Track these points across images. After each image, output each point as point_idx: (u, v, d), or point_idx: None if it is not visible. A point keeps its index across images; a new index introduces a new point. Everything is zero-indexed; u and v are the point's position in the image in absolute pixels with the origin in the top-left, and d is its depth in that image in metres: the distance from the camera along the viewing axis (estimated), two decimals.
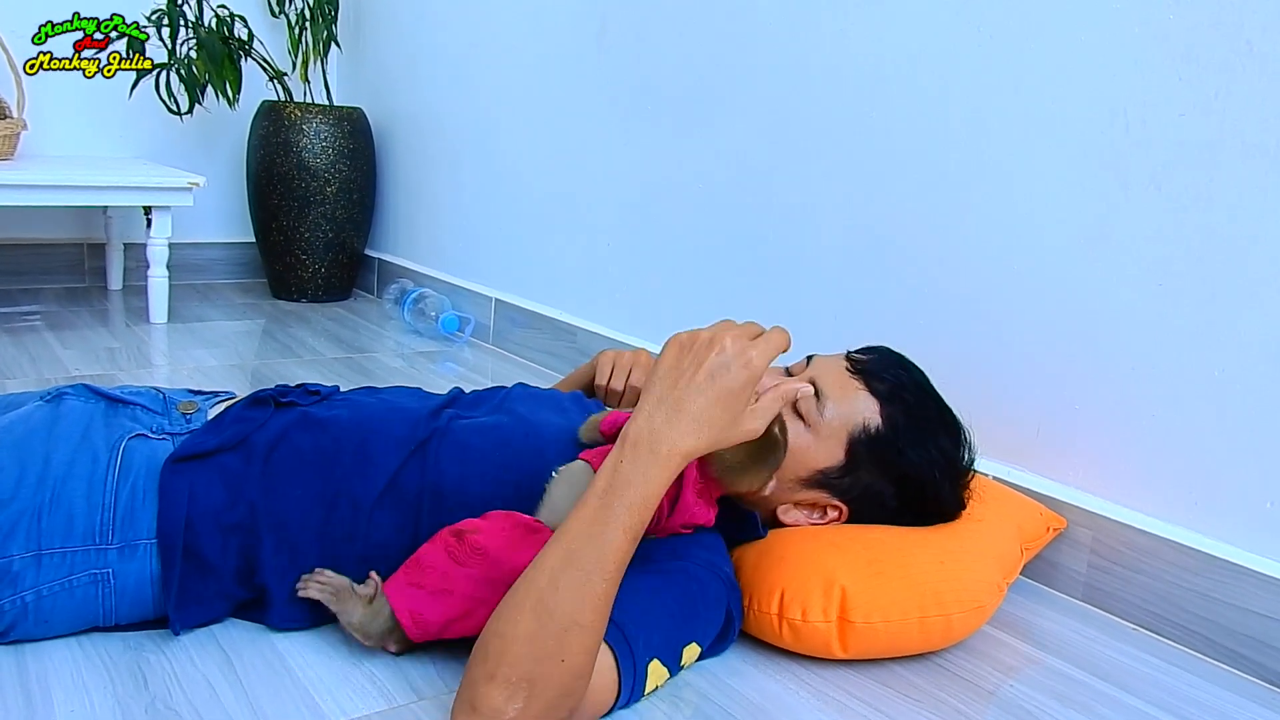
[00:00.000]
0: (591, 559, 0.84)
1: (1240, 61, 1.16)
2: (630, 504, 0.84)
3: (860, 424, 1.13)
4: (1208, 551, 1.21)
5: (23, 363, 2.01)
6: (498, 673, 0.83)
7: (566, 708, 0.86)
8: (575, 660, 0.84)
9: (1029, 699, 1.08)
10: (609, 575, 0.84)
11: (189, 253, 2.96)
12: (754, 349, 0.86)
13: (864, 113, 1.59)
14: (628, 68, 2.05)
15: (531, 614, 0.83)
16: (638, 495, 0.85)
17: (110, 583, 1.00)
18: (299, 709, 0.94)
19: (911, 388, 1.17)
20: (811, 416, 1.13)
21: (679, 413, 0.85)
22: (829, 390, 1.14)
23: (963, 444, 1.19)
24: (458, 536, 0.98)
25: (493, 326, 2.52)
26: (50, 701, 0.92)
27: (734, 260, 1.85)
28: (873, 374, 1.16)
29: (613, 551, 0.84)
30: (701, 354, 0.86)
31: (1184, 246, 1.23)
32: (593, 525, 0.84)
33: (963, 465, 1.19)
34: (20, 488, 0.99)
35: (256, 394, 1.17)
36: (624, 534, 0.84)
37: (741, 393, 0.86)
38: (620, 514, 0.84)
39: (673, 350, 0.88)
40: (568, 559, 0.84)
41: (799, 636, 1.09)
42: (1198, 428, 1.24)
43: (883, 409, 1.14)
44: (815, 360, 1.20)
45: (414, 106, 2.84)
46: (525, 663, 0.83)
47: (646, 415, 0.86)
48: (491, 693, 0.83)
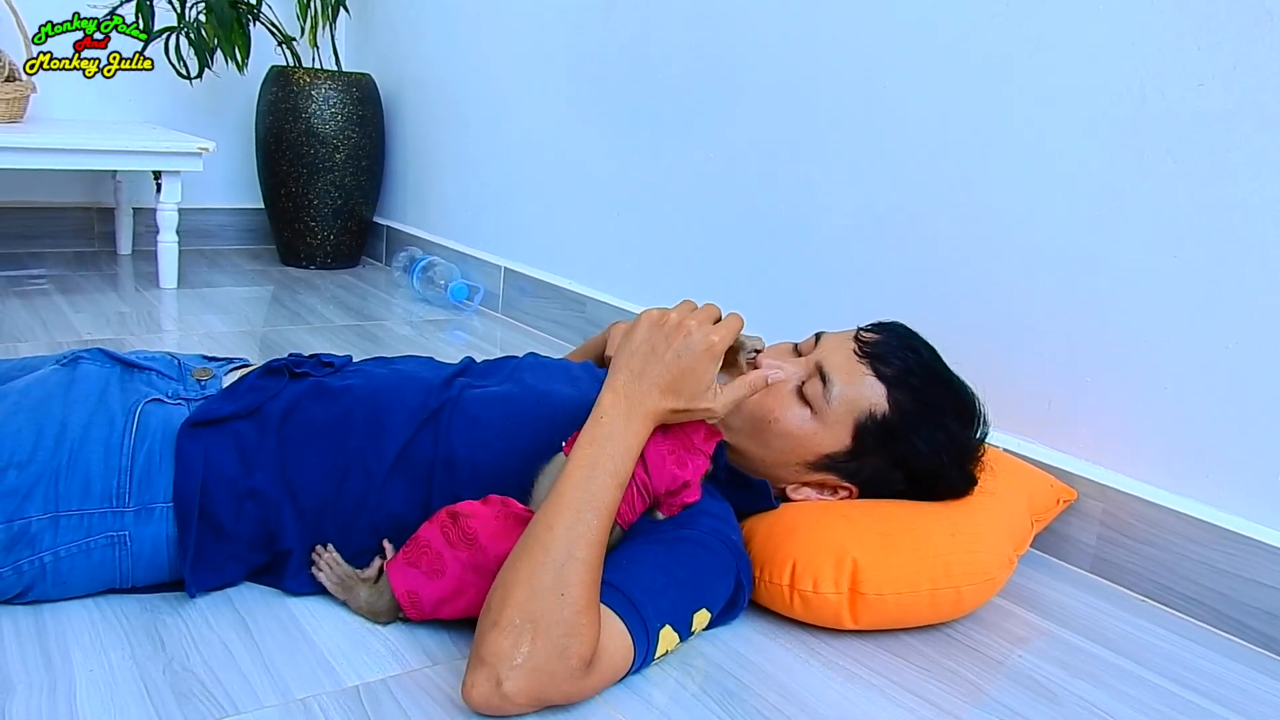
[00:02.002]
0: (582, 499, 0.91)
1: (1260, 31, 1.15)
2: (613, 454, 0.94)
3: (867, 410, 1.12)
4: (1217, 524, 1.22)
5: (34, 327, 2.01)
6: (500, 618, 0.85)
7: (575, 653, 0.85)
8: (574, 593, 0.86)
9: (1038, 669, 1.08)
10: (600, 512, 0.91)
11: (198, 218, 2.96)
12: (716, 333, 0.96)
13: (878, 83, 1.57)
14: (637, 37, 2.04)
15: (529, 557, 0.88)
16: (619, 446, 0.94)
17: (127, 545, 1.01)
18: (314, 672, 0.95)
19: (919, 371, 1.15)
20: (817, 402, 1.13)
21: (649, 384, 0.96)
22: (835, 374, 1.13)
23: (975, 422, 1.18)
24: (453, 518, 1.00)
25: (502, 295, 2.52)
26: (70, 661, 0.93)
27: (745, 230, 1.84)
28: (880, 358, 1.14)
29: (601, 491, 0.92)
30: (671, 335, 0.96)
31: (1199, 218, 1.22)
32: (587, 469, 0.93)
33: (973, 447, 1.18)
34: (38, 450, 0.99)
35: (270, 363, 1.17)
36: (610, 478, 0.93)
37: (705, 372, 0.96)
38: (605, 462, 0.93)
39: (645, 327, 0.98)
40: (560, 503, 0.91)
41: (810, 608, 1.09)
42: (1210, 401, 1.24)
43: (889, 394, 1.13)
44: (824, 339, 1.19)
45: (423, 73, 2.83)
46: (526, 603, 0.85)
47: (623, 382, 0.97)
48: (498, 639, 0.84)
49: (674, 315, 0.98)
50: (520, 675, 0.84)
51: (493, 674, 0.84)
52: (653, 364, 0.96)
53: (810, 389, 1.13)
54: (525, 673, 0.84)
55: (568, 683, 0.86)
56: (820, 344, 1.18)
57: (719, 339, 0.96)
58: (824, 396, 1.12)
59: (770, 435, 1.15)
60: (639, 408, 0.96)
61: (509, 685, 0.84)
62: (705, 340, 0.96)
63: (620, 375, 0.97)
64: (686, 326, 0.96)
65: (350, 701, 0.91)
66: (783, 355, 1.20)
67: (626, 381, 0.97)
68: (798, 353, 1.20)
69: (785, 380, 1.14)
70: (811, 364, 1.15)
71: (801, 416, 1.14)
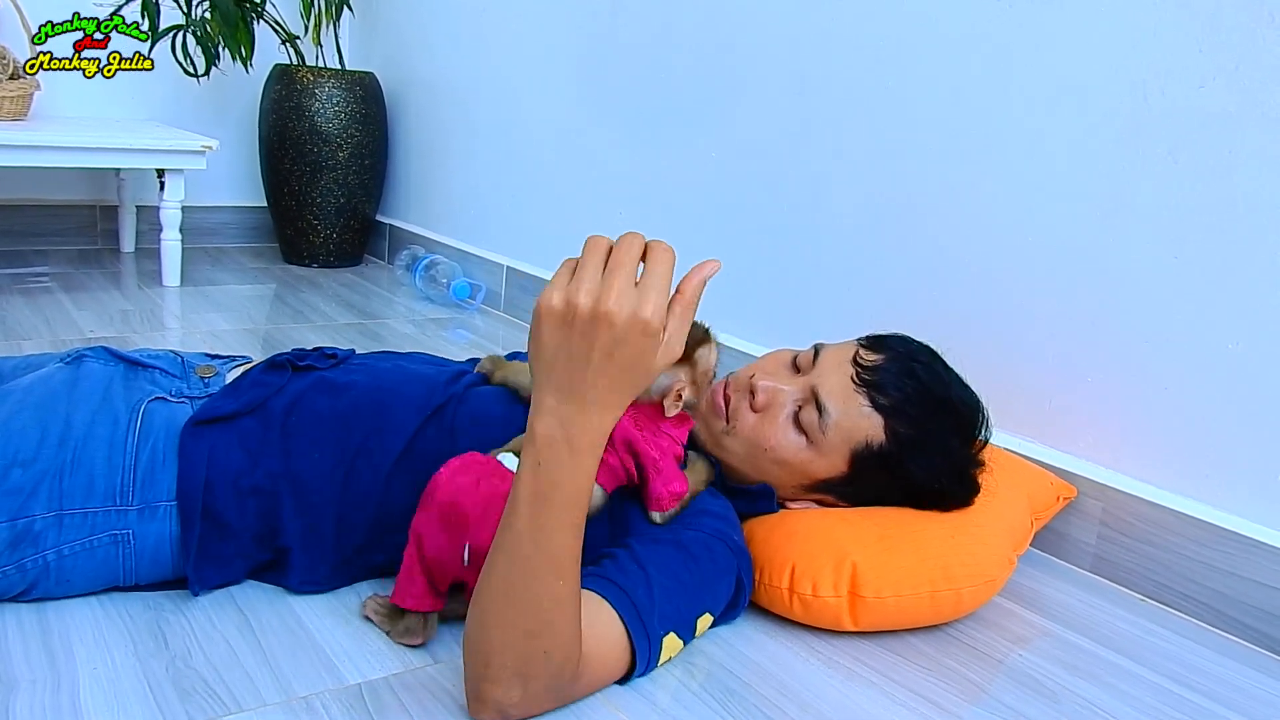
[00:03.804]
0: (546, 565, 0.81)
1: (1263, 32, 1.15)
2: (565, 503, 0.80)
3: (863, 440, 1.12)
4: (1217, 523, 1.22)
5: (38, 324, 2.02)
6: (488, 671, 0.84)
7: (569, 673, 0.87)
8: (560, 642, 0.84)
9: (1037, 668, 1.09)
10: (568, 573, 0.82)
11: (201, 216, 2.96)
12: (646, 304, 0.74)
13: (881, 81, 1.58)
14: (643, 35, 2.04)
15: (502, 622, 0.82)
16: (569, 492, 0.80)
17: (130, 543, 1.01)
18: (317, 670, 0.95)
19: (917, 399, 1.12)
20: (812, 431, 1.12)
21: (585, 402, 0.77)
22: (830, 402, 1.12)
23: (977, 433, 1.17)
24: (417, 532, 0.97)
25: (504, 294, 2.52)
26: (73, 659, 0.93)
27: (748, 228, 1.84)
28: (877, 385, 1.12)
29: (564, 550, 0.81)
30: (589, 331, 0.74)
31: (1200, 218, 1.22)
32: (537, 532, 0.80)
33: (974, 461, 1.18)
34: (42, 448, 1.00)
35: (273, 358, 1.17)
36: (570, 531, 0.81)
37: (646, 356, 0.76)
38: (559, 515, 0.80)
39: (553, 330, 0.76)
40: (524, 568, 0.81)
41: (809, 610, 1.10)
42: (1210, 401, 1.24)
43: (887, 424, 1.12)
44: (822, 357, 1.17)
45: (426, 72, 2.83)
46: (511, 661, 0.83)
47: (551, 410, 0.78)
48: (491, 689, 0.85)
49: (584, 302, 0.74)
50: (521, 707, 0.86)
51: (496, 711, 0.86)
52: (579, 372, 0.76)
53: (806, 417, 1.12)
54: (526, 703, 0.86)
55: (568, 691, 0.90)
56: (818, 363, 1.16)
57: (653, 309, 0.74)
58: (819, 426, 1.12)
59: (766, 462, 1.15)
60: (583, 436, 0.78)
61: (514, 713, 0.86)
62: (637, 324, 0.74)
63: (547, 396, 0.78)
64: (604, 314, 0.74)
65: (353, 700, 0.91)
66: (780, 369, 1.19)
67: (557, 404, 0.78)
68: (795, 366, 1.18)
69: (782, 406, 1.14)
70: (808, 388, 1.14)
71: (797, 445, 1.13)
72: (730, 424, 1.16)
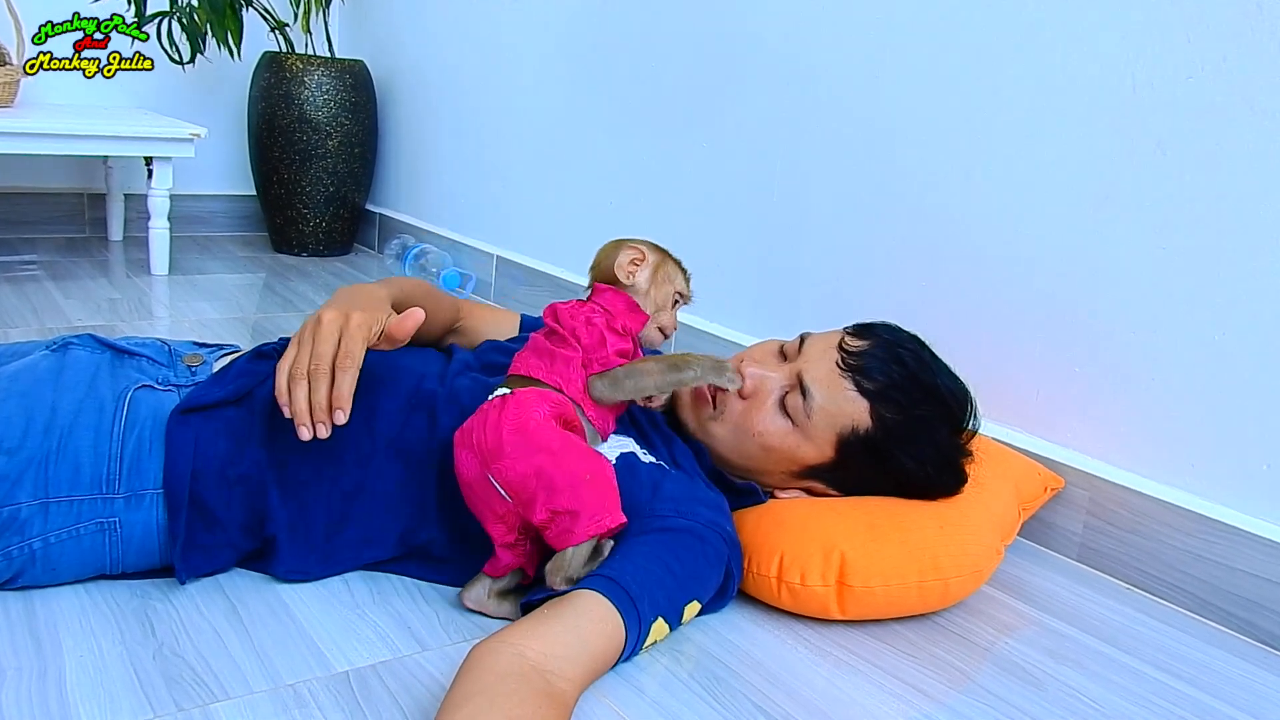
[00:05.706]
0: None
1: (1250, 23, 1.16)
2: None
3: (849, 425, 1.12)
4: (1202, 513, 1.23)
5: (25, 312, 2.01)
6: None
7: None
8: None
9: (1024, 656, 1.09)
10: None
11: (190, 204, 2.95)
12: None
13: (869, 73, 1.58)
14: (634, 25, 2.04)
15: None
16: None
17: (117, 531, 1.01)
18: (304, 658, 0.95)
19: (904, 385, 1.13)
20: (798, 415, 1.13)
21: None
22: (815, 387, 1.12)
23: (965, 422, 1.18)
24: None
25: (494, 283, 2.52)
26: (60, 647, 0.93)
27: (738, 218, 1.84)
28: (862, 370, 1.12)
29: None
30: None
31: (1187, 210, 1.23)
32: None
33: (962, 450, 1.18)
34: (28, 436, 0.99)
35: (260, 348, 1.17)
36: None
37: None
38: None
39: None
40: None
41: (797, 599, 1.10)
42: (1196, 391, 1.24)
43: (873, 409, 1.12)
44: (808, 345, 1.18)
45: (416, 60, 2.82)
46: None
47: None
48: None
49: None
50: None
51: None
52: None
53: (791, 401, 1.13)
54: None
55: None
56: (804, 350, 1.17)
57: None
58: (804, 410, 1.12)
59: (754, 448, 1.16)
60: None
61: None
62: None
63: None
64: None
65: (340, 687, 0.91)
66: (767, 357, 1.19)
67: None
68: (783, 355, 1.19)
69: (769, 392, 1.14)
70: (794, 374, 1.15)
71: (783, 429, 1.14)
72: (717, 410, 1.16)
